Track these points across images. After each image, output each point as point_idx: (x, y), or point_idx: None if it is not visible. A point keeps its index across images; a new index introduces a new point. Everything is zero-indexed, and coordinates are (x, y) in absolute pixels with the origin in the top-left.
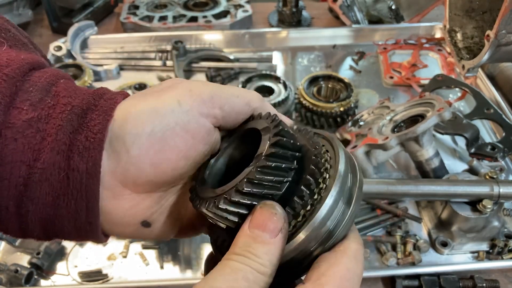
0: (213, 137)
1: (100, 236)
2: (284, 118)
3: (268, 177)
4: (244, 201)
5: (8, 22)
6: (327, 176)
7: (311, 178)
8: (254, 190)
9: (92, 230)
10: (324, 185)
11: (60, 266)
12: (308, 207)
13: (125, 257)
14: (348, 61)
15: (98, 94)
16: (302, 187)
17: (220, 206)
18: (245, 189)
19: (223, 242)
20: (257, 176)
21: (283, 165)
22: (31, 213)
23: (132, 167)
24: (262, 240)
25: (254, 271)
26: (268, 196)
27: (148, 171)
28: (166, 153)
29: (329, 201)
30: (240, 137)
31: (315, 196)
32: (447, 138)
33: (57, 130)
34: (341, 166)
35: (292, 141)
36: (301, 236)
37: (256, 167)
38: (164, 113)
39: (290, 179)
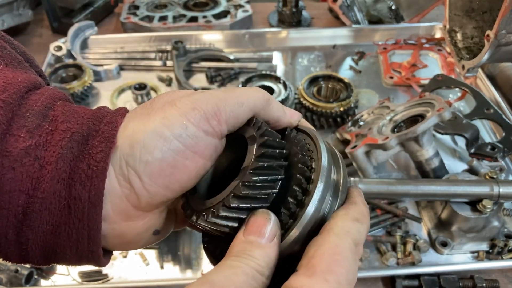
0: (220, 150)
1: (102, 261)
2: (291, 117)
3: (254, 191)
4: (232, 215)
5: (3, 38)
6: (312, 172)
7: (301, 177)
8: (241, 205)
9: (93, 257)
10: (310, 181)
11: (60, 266)
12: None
13: (125, 257)
14: (348, 61)
15: (98, 118)
16: (294, 186)
17: (208, 220)
18: (232, 204)
19: (215, 248)
20: (242, 192)
21: (269, 178)
22: (31, 242)
23: (145, 192)
24: (258, 244)
25: (252, 269)
26: (256, 208)
27: (162, 193)
28: (177, 176)
29: (316, 196)
30: (228, 143)
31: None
32: (447, 138)
33: (57, 158)
34: (324, 161)
35: (278, 151)
36: (294, 233)
37: (241, 182)
38: (172, 138)
39: (277, 190)
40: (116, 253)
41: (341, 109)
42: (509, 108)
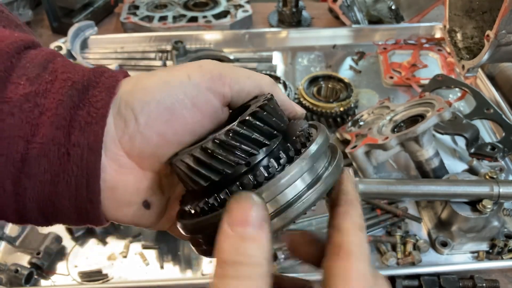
0: (220, 116)
1: (101, 216)
2: (296, 106)
3: (219, 152)
4: (198, 169)
5: (1, 5)
6: (298, 154)
7: (283, 154)
8: (205, 160)
9: (92, 210)
10: (291, 162)
11: (60, 266)
12: (269, 178)
13: (125, 257)
14: (348, 61)
15: (99, 72)
16: (272, 159)
17: (181, 159)
18: (195, 155)
19: (204, 245)
20: (209, 146)
21: (242, 146)
22: (28, 192)
23: (139, 136)
24: (250, 236)
25: (255, 273)
26: (217, 171)
27: (155, 140)
28: (173, 124)
29: (288, 172)
30: (234, 114)
31: (279, 168)
32: (447, 138)
33: (57, 104)
34: (313, 147)
35: (265, 127)
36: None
37: (212, 138)
38: (173, 84)
39: (257, 153)
40: (116, 253)
41: (341, 109)
42: (509, 108)
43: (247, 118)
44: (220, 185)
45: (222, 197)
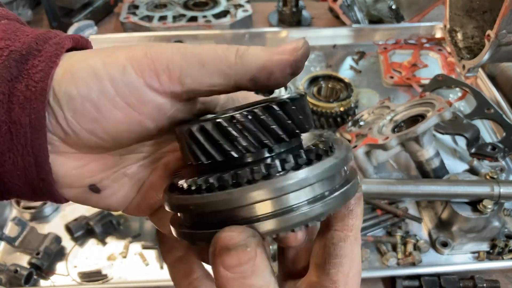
0: (168, 113)
1: (56, 193)
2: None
3: (250, 126)
4: (217, 139)
5: None
6: (309, 164)
7: (291, 158)
8: (229, 129)
9: (46, 188)
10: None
11: (60, 266)
12: (281, 173)
13: (124, 257)
14: (348, 61)
15: (43, 38)
16: (277, 160)
17: (191, 128)
18: (223, 122)
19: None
20: (207, 126)
21: (272, 126)
22: None
23: (69, 129)
24: (252, 270)
25: None
26: (237, 147)
27: (86, 137)
28: (102, 123)
29: (289, 179)
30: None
31: (282, 172)
32: (447, 138)
33: None
34: (332, 159)
35: (300, 117)
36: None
37: (245, 111)
38: (102, 78)
39: (271, 145)
40: (116, 253)
41: (341, 109)
42: (509, 108)
43: (272, 105)
44: (222, 167)
45: (224, 178)
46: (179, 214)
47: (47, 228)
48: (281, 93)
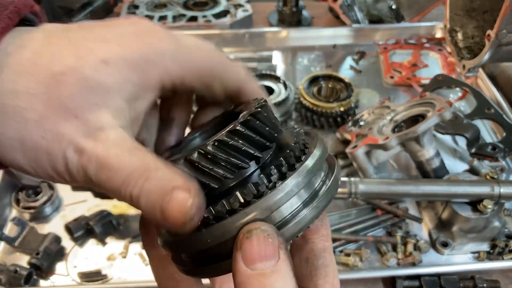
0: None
1: None
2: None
3: (205, 164)
4: (205, 165)
5: None
6: (292, 169)
7: (275, 169)
8: (202, 163)
9: None
10: (284, 178)
11: (60, 266)
12: (263, 194)
13: (124, 257)
14: (348, 61)
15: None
16: (262, 175)
17: (177, 165)
18: (193, 158)
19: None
20: (193, 157)
21: (243, 148)
22: None
23: None
24: (272, 270)
25: None
26: (232, 169)
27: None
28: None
29: (283, 188)
30: (224, 118)
31: (270, 185)
32: (447, 138)
33: None
34: (310, 161)
35: (257, 138)
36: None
37: (198, 148)
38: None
39: (247, 166)
40: (116, 253)
41: (341, 109)
42: (510, 108)
43: (237, 128)
44: (210, 195)
45: (205, 215)
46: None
47: (47, 228)
48: (281, 92)
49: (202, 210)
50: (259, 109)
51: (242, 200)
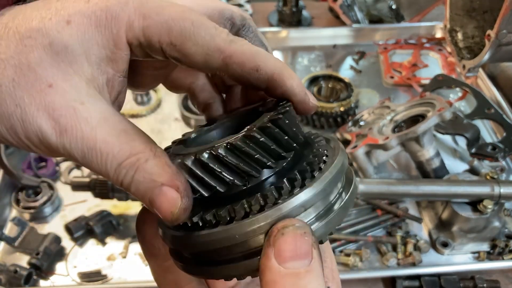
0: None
1: None
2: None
3: (232, 159)
4: (214, 168)
5: None
6: (311, 178)
7: (298, 175)
8: (214, 166)
9: None
10: (307, 182)
11: (60, 266)
12: (280, 201)
13: (124, 257)
14: (349, 61)
15: None
16: (285, 180)
17: (186, 162)
18: (204, 162)
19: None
20: (219, 152)
21: (273, 146)
22: None
23: None
24: (306, 270)
25: None
26: (242, 174)
27: None
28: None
29: (292, 203)
30: (243, 115)
31: (282, 197)
32: (447, 138)
33: None
34: (328, 173)
35: (286, 138)
36: (258, 222)
37: (225, 143)
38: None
39: (274, 166)
40: (116, 253)
41: (342, 109)
42: (510, 108)
43: (253, 134)
44: (213, 202)
45: (208, 218)
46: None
47: (47, 228)
48: None
49: (188, 210)
50: (281, 116)
51: (258, 206)
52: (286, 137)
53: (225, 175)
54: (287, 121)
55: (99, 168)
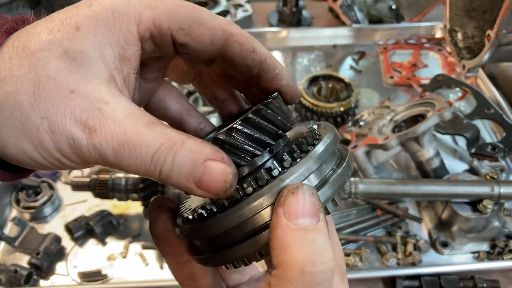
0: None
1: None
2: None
3: (235, 142)
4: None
5: None
6: (303, 156)
7: (288, 155)
8: (232, 141)
9: None
10: (296, 163)
11: (60, 266)
12: (281, 174)
13: (124, 257)
14: (348, 61)
15: None
16: (275, 160)
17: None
18: (223, 138)
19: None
20: (224, 138)
21: (256, 135)
22: None
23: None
24: (314, 227)
25: (329, 273)
26: (246, 154)
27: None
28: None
29: (293, 172)
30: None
31: (283, 170)
32: (447, 138)
33: None
34: (319, 147)
35: (269, 126)
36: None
37: (226, 129)
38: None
39: (260, 153)
40: (116, 253)
41: (341, 109)
42: (509, 108)
43: (249, 115)
44: None
45: (221, 201)
46: (196, 243)
47: (47, 228)
48: None
49: (237, 176)
50: (271, 100)
51: (255, 184)
52: (279, 117)
53: (231, 159)
54: (277, 105)
55: (134, 162)
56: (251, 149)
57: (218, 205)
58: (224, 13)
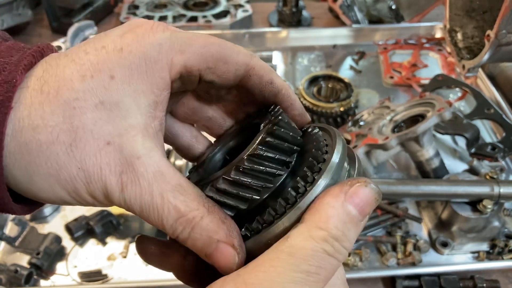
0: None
1: (10, 204)
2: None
3: (245, 179)
4: (231, 191)
5: None
6: (320, 168)
7: (308, 171)
8: (229, 189)
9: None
10: (317, 176)
11: (60, 266)
12: (298, 200)
13: (125, 257)
14: (348, 61)
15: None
16: (298, 178)
17: (206, 193)
18: (219, 186)
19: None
20: (232, 176)
21: (266, 169)
22: None
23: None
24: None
25: (340, 263)
26: (258, 187)
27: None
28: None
29: (317, 189)
30: (240, 131)
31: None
32: (447, 138)
33: None
34: (335, 157)
35: (286, 144)
36: (285, 222)
37: (235, 165)
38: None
39: (283, 173)
40: (116, 253)
41: (341, 109)
42: (509, 108)
43: (267, 139)
44: (248, 213)
45: (243, 233)
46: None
47: (47, 228)
48: None
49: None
50: (280, 118)
51: (286, 204)
52: (291, 133)
53: (242, 193)
54: (282, 130)
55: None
56: (274, 170)
57: (252, 229)
58: (224, 13)
